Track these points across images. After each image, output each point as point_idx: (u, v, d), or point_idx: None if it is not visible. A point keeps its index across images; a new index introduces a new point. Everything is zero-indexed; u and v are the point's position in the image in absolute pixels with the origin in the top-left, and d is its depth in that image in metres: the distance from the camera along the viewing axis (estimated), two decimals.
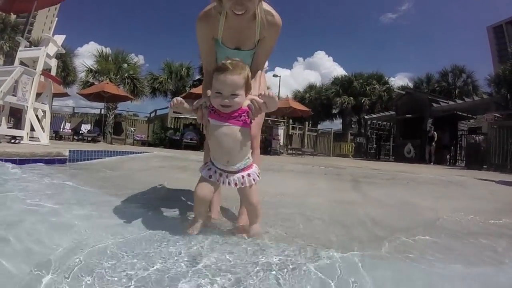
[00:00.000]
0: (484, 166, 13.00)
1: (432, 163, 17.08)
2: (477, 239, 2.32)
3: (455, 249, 2.10)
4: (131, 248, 1.74)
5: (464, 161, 17.44)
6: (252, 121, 1.95)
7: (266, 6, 2.21)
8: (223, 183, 1.96)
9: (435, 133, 18.34)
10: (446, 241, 2.26)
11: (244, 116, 1.88)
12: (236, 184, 1.95)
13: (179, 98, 1.94)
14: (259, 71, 2.44)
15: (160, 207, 2.74)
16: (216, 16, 2.18)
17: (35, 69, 7.84)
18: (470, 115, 20.20)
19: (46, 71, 8.24)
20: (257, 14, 2.13)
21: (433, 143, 18.26)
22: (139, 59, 39.33)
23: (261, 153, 2.71)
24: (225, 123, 1.86)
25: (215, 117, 1.88)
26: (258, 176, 2.03)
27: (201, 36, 2.33)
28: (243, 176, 1.96)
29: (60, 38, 8.91)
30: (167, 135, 18.70)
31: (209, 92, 1.95)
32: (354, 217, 2.76)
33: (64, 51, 10.22)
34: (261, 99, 1.87)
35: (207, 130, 1.97)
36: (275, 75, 34.76)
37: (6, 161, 4.76)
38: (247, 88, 1.90)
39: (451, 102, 20.53)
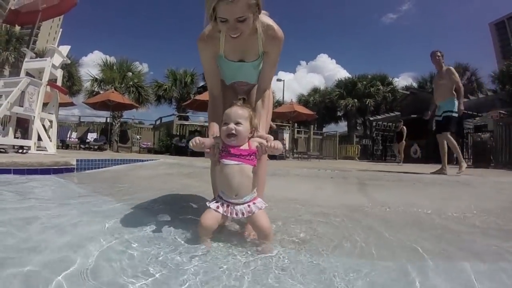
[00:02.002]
0: (492, 164, 12.94)
1: (401, 163, 15.88)
2: (484, 238, 2.33)
3: (462, 247, 2.11)
4: (140, 254, 1.77)
5: (471, 160, 17.37)
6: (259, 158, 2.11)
7: (267, 19, 2.20)
8: (230, 213, 2.04)
9: (404, 127, 17.13)
10: (452, 240, 2.27)
11: (253, 156, 2.06)
12: (243, 214, 2.03)
13: (200, 139, 2.06)
14: (267, 91, 2.47)
15: (169, 213, 2.76)
16: (215, 35, 2.19)
17: (41, 80, 7.92)
18: (476, 113, 20.11)
19: (52, 82, 8.32)
20: (257, 28, 2.12)
21: (403, 140, 17.04)
22: (144, 67, 39.65)
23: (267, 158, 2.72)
24: (237, 162, 2.02)
25: (227, 157, 2.04)
26: (264, 204, 2.11)
27: (203, 56, 2.36)
28: (249, 205, 2.04)
29: (65, 49, 9.00)
30: (173, 142, 18.72)
31: (215, 130, 2.24)
32: (361, 220, 2.77)
33: (69, 61, 10.32)
34: (267, 144, 2.03)
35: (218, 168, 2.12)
36: (279, 80, 34.80)
37: (15, 171, 4.81)
38: (251, 124, 2.10)
39: None
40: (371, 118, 30.21)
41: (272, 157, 2.37)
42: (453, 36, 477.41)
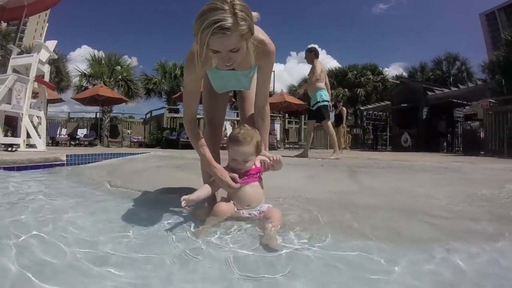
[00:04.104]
0: (481, 152, 13.05)
1: (345, 149, 14.24)
2: (473, 222, 2.34)
3: (450, 230, 2.12)
4: (130, 249, 1.77)
5: (461, 148, 17.48)
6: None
7: (259, 33, 2.09)
8: (243, 214, 2.20)
9: (344, 109, 15.34)
10: (440, 224, 2.28)
11: (259, 173, 2.29)
12: (255, 215, 2.19)
13: (188, 200, 2.06)
14: (266, 107, 2.50)
15: (159, 206, 2.75)
16: (197, 60, 2.01)
17: (28, 76, 7.83)
18: (466, 102, 20.26)
19: (39, 78, 8.24)
20: (249, 45, 2.01)
21: (343, 124, 15.28)
22: (133, 61, 39.44)
23: None
24: (248, 183, 2.22)
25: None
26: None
27: (191, 77, 2.26)
28: (260, 211, 2.21)
29: (51, 44, 8.91)
30: (164, 136, 18.64)
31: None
32: (349, 206, 2.78)
33: (56, 57, 10.22)
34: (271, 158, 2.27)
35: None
36: None
37: (5, 169, 4.78)
38: (258, 151, 2.26)
39: (446, 90, 20.55)
40: (361, 108, 30.34)
41: None
42: (444, 26, 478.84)
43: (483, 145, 13.42)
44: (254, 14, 2.04)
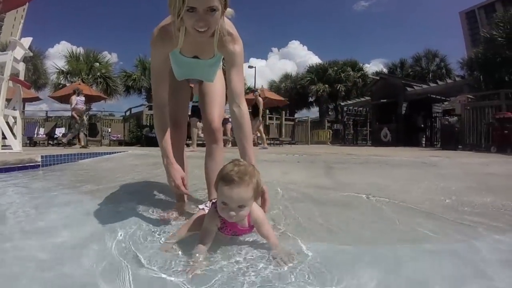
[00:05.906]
0: (459, 146, 13.25)
1: (265, 146, 13.36)
2: (448, 218, 2.34)
3: (424, 228, 2.12)
4: (105, 248, 1.76)
5: (439, 142, 17.70)
6: None
7: (229, 27, 2.07)
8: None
9: (259, 99, 13.50)
10: (416, 220, 2.28)
11: (251, 228, 1.86)
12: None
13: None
14: (245, 108, 2.18)
15: (134, 204, 2.71)
16: (174, 32, 1.98)
17: (3, 75, 7.66)
18: (444, 98, 20.53)
19: (14, 76, 8.07)
20: (216, 30, 1.96)
21: (259, 116, 13.44)
22: (113, 57, 39.09)
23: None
24: (240, 236, 1.89)
25: (228, 233, 1.85)
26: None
27: (158, 55, 2.13)
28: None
29: (26, 41, 8.74)
30: (143, 133, 18.44)
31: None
32: (323, 204, 2.77)
33: (31, 54, 10.02)
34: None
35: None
36: (250, 66, 34.58)
37: None
38: (256, 196, 1.79)
39: (425, 86, 20.80)
40: (342, 103, 30.53)
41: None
42: (424, 24, 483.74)
43: (461, 140, 13.63)
44: (229, 10, 2.01)
